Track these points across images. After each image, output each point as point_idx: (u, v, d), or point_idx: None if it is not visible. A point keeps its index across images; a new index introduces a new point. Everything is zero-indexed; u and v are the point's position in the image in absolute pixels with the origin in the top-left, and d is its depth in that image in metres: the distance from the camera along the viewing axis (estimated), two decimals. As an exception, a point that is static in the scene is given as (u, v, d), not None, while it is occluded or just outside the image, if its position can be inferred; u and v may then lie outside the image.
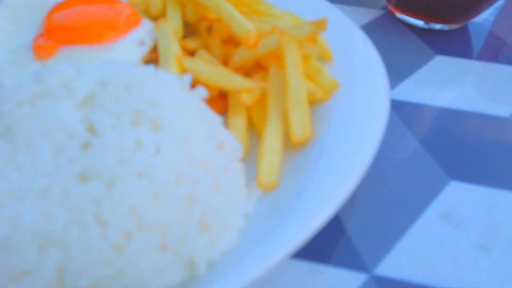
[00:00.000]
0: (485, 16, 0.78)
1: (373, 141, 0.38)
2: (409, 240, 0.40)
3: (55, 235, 0.26)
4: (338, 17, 0.57)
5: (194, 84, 0.44)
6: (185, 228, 0.29)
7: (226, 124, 0.45)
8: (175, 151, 0.30)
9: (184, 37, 0.52)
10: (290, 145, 0.42)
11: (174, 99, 0.34)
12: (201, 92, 0.37)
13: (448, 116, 0.55)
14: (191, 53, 0.51)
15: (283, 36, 0.44)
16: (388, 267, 0.38)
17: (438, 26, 0.71)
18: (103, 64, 0.35)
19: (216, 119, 0.38)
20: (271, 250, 0.31)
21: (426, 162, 0.48)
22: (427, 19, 0.71)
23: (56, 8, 0.49)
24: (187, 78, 0.37)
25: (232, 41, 0.51)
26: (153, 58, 0.49)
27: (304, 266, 0.37)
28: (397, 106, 0.56)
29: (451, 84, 0.60)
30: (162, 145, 0.30)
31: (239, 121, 0.44)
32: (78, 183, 0.28)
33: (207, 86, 0.44)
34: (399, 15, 0.74)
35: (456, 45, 0.69)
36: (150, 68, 0.36)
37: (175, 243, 0.29)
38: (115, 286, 0.27)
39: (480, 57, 0.67)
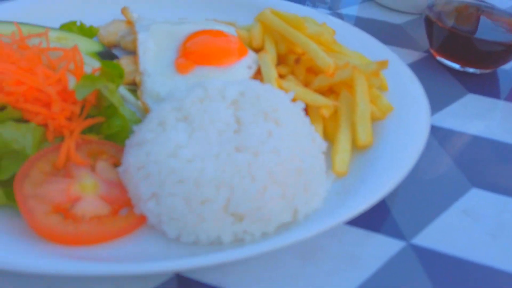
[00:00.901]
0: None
1: (417, 148, 0.55)
2: (438, 224, 0.56)
3: (224, 180, 0.44)
4: (392, 57, 0.75)
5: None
6: (295, 188, 0.46)
7: (307, 130, 0.62)
8: (290, 140, 0.48)
9: (277, 64, 0.71)
10: (355, 148, 0.59)
11: (286, 106, 0.52)
12: (301, 104, 0.55)
13: (474, 140, 0.70)
14: (282, 77, 0.69)
15: (355, 70, 0.61)
16: (420, 239, 0.53)
17: (471, 70, 0.87)
18: (240, 81, 0.53)
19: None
20: (342, 212, 0.47)
21: (454, 172, 0.64)
22: (462, 63, 0.87)
23: (190, 37, 0.68)
24: (292, 94, 0.55)
25: (312, 70, 0.69)
26: (257, 78, 0.67)
27: (360, 232, 0.54)
28: (433, 130, 0.72)
29: (479, 117, 0.76)
30: (283, 136, 0.48)
31: (318, 127, 0.61)
32: (235, 152, 0.45)
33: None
34: (439, 58, 0.90)
35: (486, 87, 0.85)
36: (270, 85, 0.54)
37: (289, 196, 0.46)
38: (255, 215, 0.44)
39: (507, 98, 0.82)
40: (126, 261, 0.43)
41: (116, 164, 0.51)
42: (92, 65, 0.60)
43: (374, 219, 0.55)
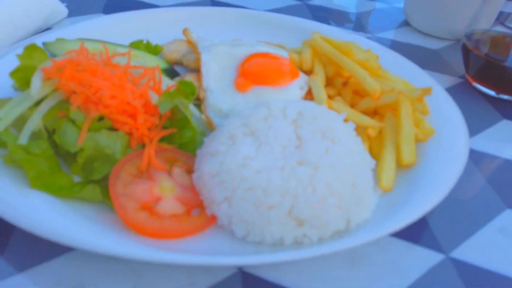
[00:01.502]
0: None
1: (457, 169, 0.60)
2: (475, 240, 0.60)
3: (289, 190, 0.50)
4: (431, 82, 0.80)
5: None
6: (350, 200, 0.52)
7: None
8: (345, 156, 0.54)
9: (325, 86, 0.77)
10: (398, 166, 0.64)
11: (340, 126, 0.58)
12: (352, 124, 0.61)
13: (508, 164, 0.75)
14: (329, 98, 0.75)
15: (401, 95, 0.67)
16: (458, 253, 0.58)
17: (506, 97, 0.92)
18: (298, 101, 0.60)
19: (359, 141, 0.61)
20: (389, 224, 0.53)
21: (489, 193, 0.68)
22: (497, 90, 0.91)
23: (248, 58, 0.75)
24: (344, 115, 0.61)
25: (358, 92, 0.75)
26: (307, 99, 0.74)
27: (402, 243, 0.59)
28: (470, 153, 0.77)
29: (512, 142, 0.81)
30: (339, 153, 0.54)
31: (364, 146, 0.67)
32: (297, 165, 0.52)
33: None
34: (475, 84, 0.95)
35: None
36: (325, 107, 0.61)
37: (344, 207, 0.52)
38: (314, 221, 0.50)
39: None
40: (198, 254, 0.49)
41: (188, 171, 0.58)
42: (166, 82, 0.67)
43: (414, 232, 0.60)
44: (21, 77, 0.57)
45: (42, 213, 0.48)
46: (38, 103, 0.55)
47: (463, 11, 1.08)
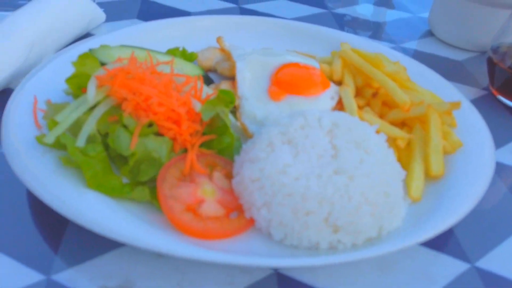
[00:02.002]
0: None
1: (484, 181, 0.62)
2: (500, 250, 0.63)
3: (326, 197, 0.53)
4: (458, 95, 0.83)
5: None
6: (383, 208, 0.55)
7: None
8: (379, 167, 0.57)
9: (354, 96, 0.80)
10: (427, 177, 0.67)
11: (373, 137, 0.61)
12: (384, 136, 0.64)
13: (533, 177, 0.77)
14: (359, 108, 0.78)
15: (430, 108, 0.70)
16: (484, 263, 0.60)
17: (530, 111, 0.93)
18: (332, 112, 0.63)
19: (390, 152, 0.64)
20: (420, 233, 0.56)
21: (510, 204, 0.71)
22: (522, 104, 0.93)
23: (281, 68, 0.79)
24: (376, 127, 0.64)
25: (387, 104, 0.78)
26: (338, 108, 0.77)
27: (429, 252, 0.61)
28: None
29: (537, 156, 0.82)
30: (373, 163, 0.57)
31: (393, 156, 0.70)
32: (334, 174, 0.55)
33: (375, 131, 0.71)
34: (499, 97, 0.97)
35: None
36: (357, 118, 0.64)
37: (377, 215, 0.55)
38: (349, 228, 0.53)
39: None
40: (238, 254, 0.53)
41: (227, 175, 0.62)
42: (205, 90, 0.71)
43: (441, 241, 0.63)
44: (76, 83, 0.61)
45: (97, 210, 0.52)
46: (91, 108, 0.59)
47: (489, 24, 1.10)
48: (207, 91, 0.70)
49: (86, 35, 1.00)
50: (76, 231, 0.55)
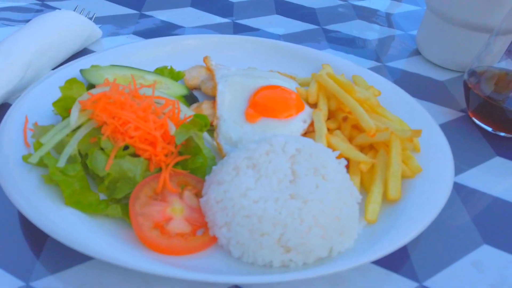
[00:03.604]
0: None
1: (438, 206, 0.67)
2: (448, 271, 0.67)
3: (280, 219, 0.58)
4: (429, 121, 0.87)
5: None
6: (333, 231, 0.60)
7: (347, 179, 0.76)
8: (333, 192, 0.62)
9: (327, 119, 0.85)
10: (385, 200, 0.71)
11: (333, 164, 0.66)
12: (344, 161, 0.69)
13: (494, 201, 0.81)
14: (330, 131, 0.83)
15: (392, 135, 0.75)
16: (431, 282, 0.65)
17: (502, 134, 0.97)
18: (297, 138, 0.68)
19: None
20: (369, 253, 0.61)
21: (470, 228, 0.75)
22: (494, 127, 0.97)
23: (259, 90, 0.84)
24: (337, 153, 0.69)
25: (356, 127, 0.83)
26: (308, 131, 0.82)
27: (382, 271, 0.66)
28: (458, 188, 0.83)
29: (502, 180, 0.86)
30: (328, 189, 0.62)
31: (356, 178, 0.74)
32: (290, 198, 0.60)
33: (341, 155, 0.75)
34: (474, 119, 1.01)
35: (514, 151, 0.94)
36: (321, 144, 0.69)
37: (328, 237, 0.60)
38: (300, 248, 0.58)
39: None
40: (201, 271, 0.58)
41: (197, 194, 0.67)
42: (182, 109, 0.76)
43: (395, 261, 0.67)
44: (62, 106, 0.68)
45: (72, 226, 0.58)
46: (75, 130, 0.65)
47: (471, 45, 1.13)
48: (186, 113, 0.76)
49: (83, 50, 1.07)
50: (56, 242, 0.61)
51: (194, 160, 0.70)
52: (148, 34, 1.20)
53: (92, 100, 0.65)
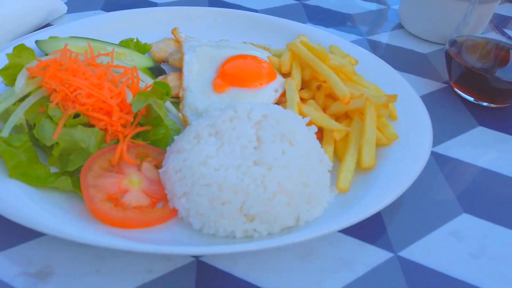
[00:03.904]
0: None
1: (413, 174, 0.63)
2: (426, 241, 0.64)
3: (242, 187, 0.54)
4: (407, 89, 0.83)
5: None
6: (300, 198, 0.56)
7: (320, 149, 0.72)
8: (300, 159, 0.58)
9: (301, 88, 0.81)
10: (358, 167, 0.68)
11: (301, 130, 0.62)
12: (314, 128, 0.65)
13: (474, 170, 0.77)
14: (304, 100, 0.79)
15: (367, 101, 0.71)
16: (406, 252, 0.62)
17: (485, 103, 0.93)
18: (265, 105, 0.64)
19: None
20: (336, 222, 0.57)
21: (449, 197, 0.71)
22: (476, 97, 0.93)
23: (228, 60, 0.80)
24: (307, 119, 0.65)
25: (331, 96, 0.78)
26: (281, 100, 0.78)
27: (355, 241, 0.63)
28: (438, 158, 0.79)
29: (483, 149, 0.83)
30: (294, 155, 0.58)
31: (330, 148, 0.70)
32: (253, 165, 0.56)
33: (313, 123, 0.71)
34: (457, 90, 0.97)
35: (497, 121, 0.91)
36: (290, 111, 0.65)
37: (294, 204, 0.56)
38: (264, 217, 0.54)
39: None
40: (158, 243, 0.54)
41: (158, 166, 0.63)
42: (145, 81, 0.72)
43: (370, 232, 0.64)
44: (9, 75, 0.63)
45: (18, 200, 0.54)
46: (23, 99, 0.60)
47: (453, 16, 1.09)
48: (149, 83, 0.72)
49: (47, 26, 1.01)
50: (1, 219, 0.57)
51: (155, 132, 0.66)
52: (117, 10, 1.15)
53: (40, 66, 0.61)
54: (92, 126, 0.62)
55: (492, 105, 0.93)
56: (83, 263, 0.55)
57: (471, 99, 0.94)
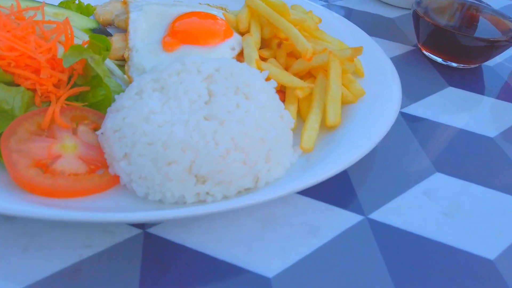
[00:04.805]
0: (498, 61, 0.96)
1: (380, 132, 0.58)
2: (397, 202, 0.59)
3: (190, 144, 0.47)
4: (374, 46, 0.78)
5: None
6: (257, 156, 0.50)
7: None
8: (257, 112, 0.52)
9: (260, 48, 0.74)
10: (324, 127, 0.62)
11: (258, 83, 0.55)
12: (273, 83, 0.58)
13: (444, 129, 0.73)
14: (264, 60, 0.72)
15: (330, 55, 0.65)
16: (377, 214, 0.57)
17: (454, 64, 0.90)
18: (218, 59, 0.57)
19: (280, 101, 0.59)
20: (297, 182, 0.51)
21: (421, 157, 0.67)
22: (445, 57, 0.89)
23: (179, 17, 0.72)
24: (266, 73, 0.59)
25: (293, 54, 0.72)
26: (239, 60, 0.71)
27: (322, 205, 0.57)
28: (408, 118, 0.75)
29: (453, 109, 0.79)
30: (250, 108, 0.51)
31: (292, 107, 0.64)
32: (204, 120, 0.49)
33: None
34: (425, 52, 0.93)
35: (466, 81, 0.87)
36: (245, 64, 0.58)
37: (251, 163, 0.49)
38: (217, 177, 0.48)
39: (485, 93, 0.85)
40: (95, 212, 0.47)
41: (96, 129, 0.55)
42: (83, 38, 0.64)
43: (339, 196, 0.58)
44: None
45: None
46: None
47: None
48: (85, 39, 0.63)
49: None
50: None
51: (95, 93, 0.58)
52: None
53: (-49, 16, 0.52)
54: (17, 85, 0.54)
55: (461, 66, 0.90)
56: (8, 241, 0.47)
57: (440, 60, 0.91)
